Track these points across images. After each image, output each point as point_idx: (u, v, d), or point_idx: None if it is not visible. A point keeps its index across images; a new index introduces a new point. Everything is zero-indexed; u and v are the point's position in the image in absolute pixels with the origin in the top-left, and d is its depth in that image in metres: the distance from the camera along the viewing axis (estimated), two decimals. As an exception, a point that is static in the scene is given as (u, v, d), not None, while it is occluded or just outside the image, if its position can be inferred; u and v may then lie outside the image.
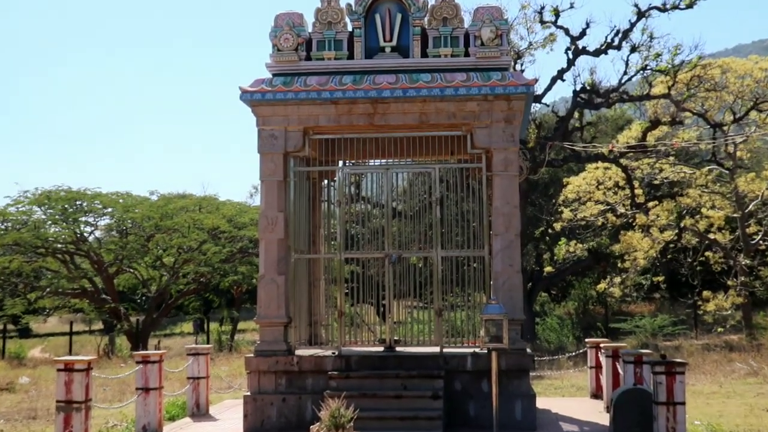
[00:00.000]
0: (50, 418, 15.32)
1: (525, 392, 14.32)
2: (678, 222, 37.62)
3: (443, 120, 14.90)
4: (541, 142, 32.70)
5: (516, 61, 31.45)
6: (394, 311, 15.74)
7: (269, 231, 14.98)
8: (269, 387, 14.75)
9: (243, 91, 14.95)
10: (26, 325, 56.39)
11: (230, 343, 38.60)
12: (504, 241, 14.59)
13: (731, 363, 24.29)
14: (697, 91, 33.70)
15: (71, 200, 34.19)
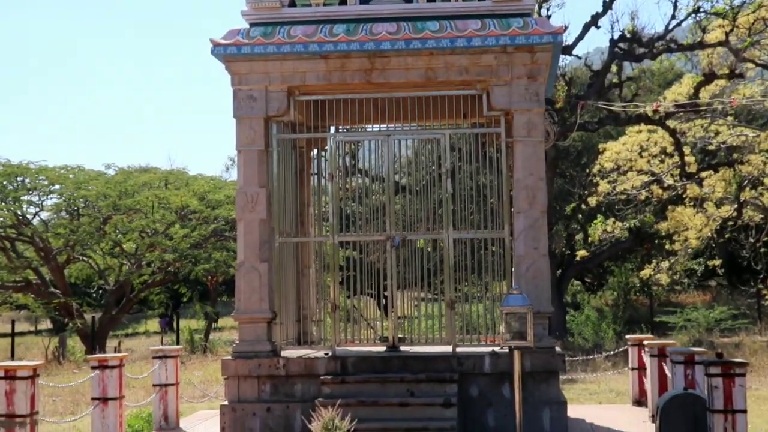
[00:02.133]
0: (-10, 435, 15.38)
1: (554, 398, 14.39)
2: (738, 195, 37.55)
3: (454, 76, 14.91)
4: (571, 101, 32.68)
5: (541, 5, 31.47)
6: (398, 304, 15.82)
7: (249, 210, 15.00)
8: (251, 395, 14.83)
9: (215, 44, 14.92)
10: (-40, 325, 56.81)
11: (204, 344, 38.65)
12: (528, 219, 14.62)
13: (801, 362, 24.39)
14: (762, 37, 33.61)
15: (11, 176, 34.18)
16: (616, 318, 39.27)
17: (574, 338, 34.45)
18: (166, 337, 45.30)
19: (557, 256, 37.20)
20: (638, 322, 37.73)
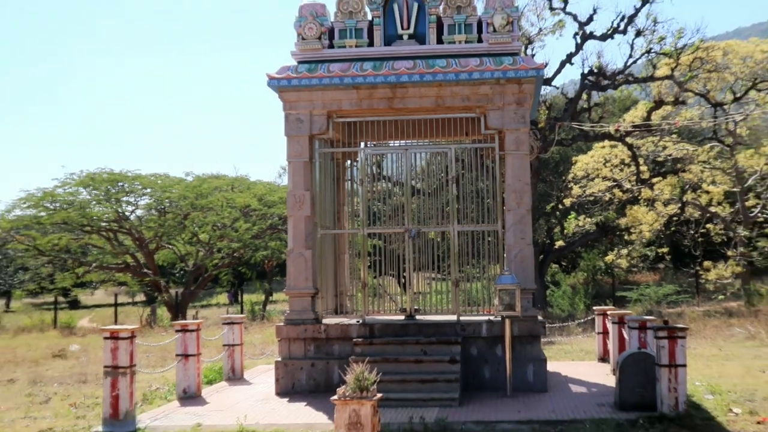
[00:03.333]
0: (99, 382, 15.43)
1: (536, 356, 14.35)
2: (681, 196, 37.56)
3: (458, 103, 14.88)
4: (550, 122, 32.62)
5: (526, 46, 31.35)
6: (414, 282, 15.79)
7: (297, 209, 15.02)
8: (299, 353, 14.84)
9: (270, 78, 14.99)
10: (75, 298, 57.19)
11: (262, 313, 38.67)
12: (516, 215, 14.59)
13: (730, 328, 24.23)
14: (699, 72, 33.52)
15: (113, 181, 34.27)
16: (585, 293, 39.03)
17: (552, 309, 34.30)
18: (233, 308, 45.26)
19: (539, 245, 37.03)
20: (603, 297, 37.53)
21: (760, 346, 20.55)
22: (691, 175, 36.76)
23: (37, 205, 33.83)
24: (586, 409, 12.47)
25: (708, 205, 37.09)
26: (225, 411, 13.12)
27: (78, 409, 14.09)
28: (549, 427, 11.35)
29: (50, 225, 33.43)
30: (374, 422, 9.14)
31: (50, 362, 21.57)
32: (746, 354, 19.15)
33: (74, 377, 18.24)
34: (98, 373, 16.15)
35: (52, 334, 31.04)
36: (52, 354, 23.27)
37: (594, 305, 25.80)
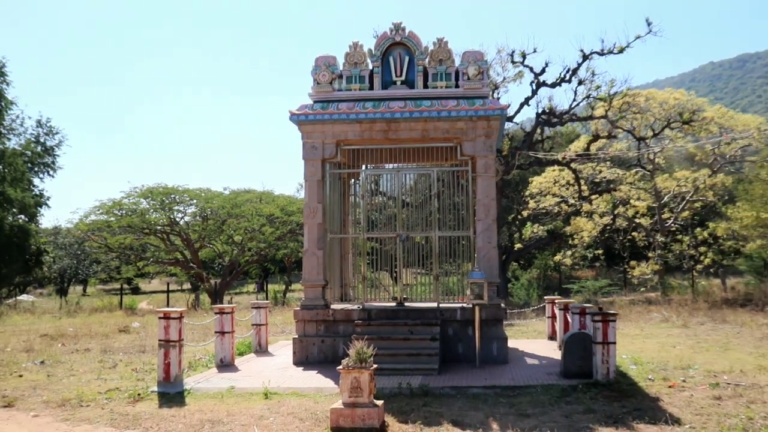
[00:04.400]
0: (154, 352, 15.45)
1: (500, 336, 14.31)
2: (613, 210, 37.71)
3: (440, 135, 14.84)
4: (512, 151, 32.68)
5: (493, 91, 31.36)
6: (404, 276, 15.76)
7: (311, 217, 15.00)
8: (312, 332, 14.78)
9: (291, 114, 14.97)
10: (136, 285, 57.48)
11: (283, 299, 38.64)
12: (484, 224, 14.57)
13: (650, 313, 24.25)
14: (627, 113, 33.66)
15: (167, 194, 34.43)
16: (538, 286, 39.00)
17: (512, 298, 34.28)
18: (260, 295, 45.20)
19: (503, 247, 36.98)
20: (552, 288, 37.49)
21: (672, 327, 20.58)
22: (621, 193, 37.01)
23: (108, 212, 34.01)
24: (538, 377, 12.45)
25: (634, 217, 37.26)
26: (253, 377, 13.09)
27: (138, 373, 14.11)
28: (509, 391, 11.34)
29: (118, 228, 33.53)
30: (371, 387, 9.10)
31: (117, 336, 21.54)
32: (661, 333, 19.17)
33: (135, 348, 18.23)
34: (154, 345, 16.15)
35: (118, 314, 31.01)
36: (119, 329, 23.26)
37: (545, 295, 25.79)
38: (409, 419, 9.47)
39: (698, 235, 36.70)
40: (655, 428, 8.96)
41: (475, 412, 9.96)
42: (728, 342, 17.06)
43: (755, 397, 10.70)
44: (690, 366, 13.51)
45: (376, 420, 8.96)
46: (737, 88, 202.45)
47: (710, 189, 35.98)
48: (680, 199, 36.64)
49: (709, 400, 10.51)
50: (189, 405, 10.87)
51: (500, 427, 9.10)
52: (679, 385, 11.68)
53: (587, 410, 9.96)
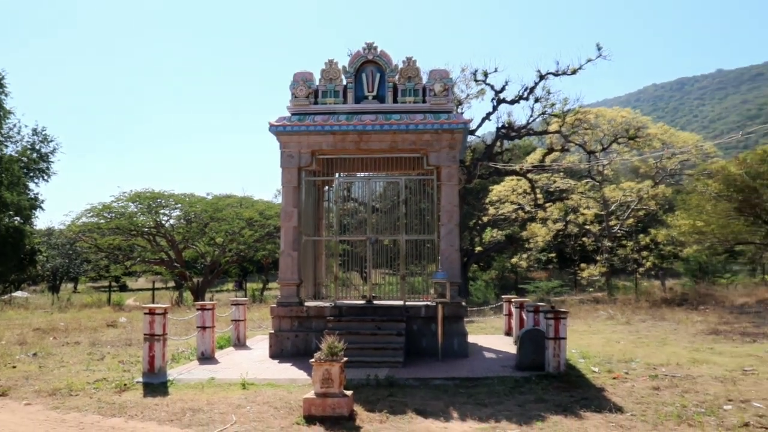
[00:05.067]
0: (140, 345, 15.31)
1: (460, 331, 14.33)
2: (565, 217, 37.91)
3: (407, 146, 14.85)
4: (474, 162, 32.77)
5: (457, 106, 31.47)
6: (373, 276, 15.73)
7: (287, 221, 14.94)
8: (287, 327, 14.71)
9: (271, 125, 14.91)
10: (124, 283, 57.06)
11: (261, 297, 38.49)
12: (447, 229, 14.59)
13: (597, 311, 24.46)
14: (579, 129, 33.92)
15: (154, 198, 34.31)
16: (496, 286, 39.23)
17: (472, 297, 34.39)
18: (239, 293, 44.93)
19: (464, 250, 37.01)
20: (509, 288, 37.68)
21: (616, 324, 20.76)
22: (572, 202, 37.21)
23: (98, 214, 33.86)
24: (495, 370, 12.49)
25: (584, 223, 37.49)
26: (232, 368, 13.00)
27: (125, 364, 13.99)
28: (468, 382, 11.37)
29: (107, 229, 33.35)
30: (341, 378, 9.08)
31: (105, 330, 21.31)
32: (607, 330, 19.32)
33: (122, 341, 18.07)
34: (140, 338, 15.99)
35: (106, 310, 30.70)
36: (107, 324, 23.01)
37: (502, 294, 25.88)
38: (376, 408, 9.46)
39: (641, 240, 37.10)
40: (600, 416, 9.03)
41: (436, 401, 9.98)
42: (666, 337, 17.25)
43: (689, 387, 10.84)
44: (632, 359, 13.64)
45: (345, 409, 8.95)
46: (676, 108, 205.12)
47: (652, 199, 36.37)
48: (625, 207, 36.97)
49: (649, 390, 10.63)
50: (172, 394, 10.80)
51: (460, 416, 9.13)
52: (622, 377, 11.79)
53: (539, 400, 10.03)
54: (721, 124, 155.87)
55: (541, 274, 47.27)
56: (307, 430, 8.49)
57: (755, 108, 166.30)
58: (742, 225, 28.99)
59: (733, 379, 11.49)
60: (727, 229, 29.39)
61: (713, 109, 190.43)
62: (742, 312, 22.73)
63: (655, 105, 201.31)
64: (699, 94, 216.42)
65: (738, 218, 28.72)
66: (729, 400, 9.91)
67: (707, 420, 8.79)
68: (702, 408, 9.42)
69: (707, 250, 34.30)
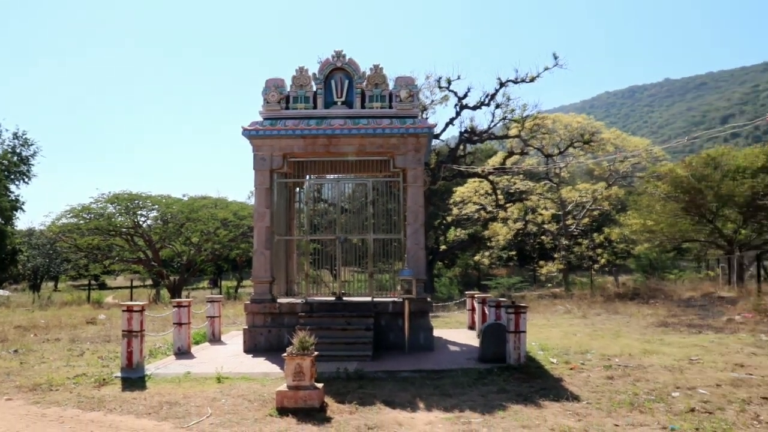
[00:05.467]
0: (118, 341, 15.15)
1: (426, 326, 14.31)
2: (524, 216, 38.17)
3: (375, 149, 14.81)
4: (438, 164, 32.87)
5: (422, 112, 31.52)
6: (342, 274, 15.66)
7: (260, 221, 14.82)
8: (260, 323, 14.59)
9: (244, 129, 14.78)
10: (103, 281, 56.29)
11: (235, 294, 38.23)
12: (413, 228, 14.58)
13: (555, 306, 24.62)
14: (537, 133, 34.17)
15: (132, 200, 33.94)
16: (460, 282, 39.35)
17: (438, 293, 34.45)
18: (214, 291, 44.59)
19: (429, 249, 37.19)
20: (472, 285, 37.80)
21: (573, 318, 20.91)
22: (531, 202, 37.52)
23: (78, 215, 33.41)
24: (458, 362, 12.50)
25: (542, 223, 37.80)
26: (208, 363, 12.87)
27: (104, 360, 13.76)
28: (433, 374, 11.36)
29: (86, 230, 32.91)
30: (312, 372, 9.02)
31: (85, 327, 21.00)
32: (564, 323, 19.44)
33: (101, 338, 17.81)
34: (118, 335, 15.82)
35: (86, 307, 30.24)
36: (86, 321, 22.69)
37: (465, 290, 25.96)
38: (346, 400, 9.42)
39: (596, 239, 37.50)
40: (558, 404, 9.08)
41: (404, 392, 9.96)
42: (619, 330, 17.41)
43: (640, 376, 10.95)
44: (588, 351, 13.73)
45: (316, 401, 8.89)
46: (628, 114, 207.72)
47: (606, 199, 36.77)
48: (581, 207, 37.33)
49: (603, 380, 10.71)
50: (149, 388, 10.65)
51: (426, 406, 9.11)
52: (579, 368, 11.86)
53: (501, 390, 10.05)
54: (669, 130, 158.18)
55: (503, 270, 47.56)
56: (280, 422, 8.42)
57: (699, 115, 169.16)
58: (688, 224, 29.45)
59: (680, 368, 11.63)
60: (674, 228, 29.83)
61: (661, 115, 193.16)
62: (688, 305, 23.02)
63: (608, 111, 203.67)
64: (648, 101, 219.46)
65: (685, 218, 29.16)
66: (677, 387, 10.02)
67: (657, 406, 8.88)
68: (652, 395, 9.52)
69: (657, 247, 34.83)
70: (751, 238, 28.54)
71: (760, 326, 17.01)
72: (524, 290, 35.61)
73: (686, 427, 7.83)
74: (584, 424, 8.10)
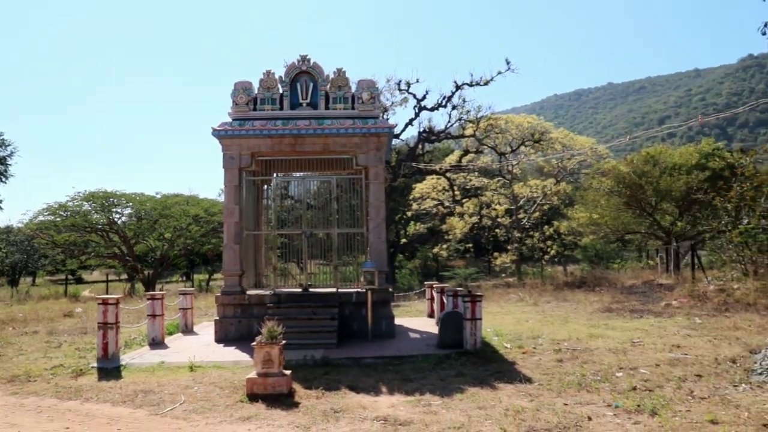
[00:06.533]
0: (95, 333, 14.82)
1: (388, 315, 14.29)
2: (479, 211, 38.37)
3: (338, 148, 14.72)
4: (398, 162, 32.87)
5: (383, 113, 31.48)
6: (308, 266, 15.58)
7: (230, 217, 14.64)
8: (230, 314, 14.43)
9: (213, 130, 14.59)
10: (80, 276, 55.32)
11: (207, 287, 37.90)
12: (375, 223, 14.53)
13: (508, 294, 24.76)
14: (491, 133, 34.39)
15: (107, 198, 33.40)
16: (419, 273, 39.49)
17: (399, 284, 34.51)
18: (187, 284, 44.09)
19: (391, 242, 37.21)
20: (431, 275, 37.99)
21: (525, 306, 21.04)
22: (486, 198, 37.76)
23: (55, 213, 32.74)
24: (419, 348, 12.49)
25: (496, 217, 38.04)
26: (181, 352, 12.68)
27: (80, 351, 13.49)
28: (395, 360, 11.35)
29: (63, 227, 32.28)
30: (280, 359, 8.94)
31: (62, 320, 20.56)
32: (517, 311, 19.56)
33: (78, 330, 17.44)
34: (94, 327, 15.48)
35: (63, 301, 29.65)
36: (63, 314, 22.22)
37: (425, 281, 26.03)
38: (312, 385, 9.35)
39: (546, 231, 37.88)
40: (512, 386, 9.12)
41: (367, 378, 9.92)
42: (568, 316, 17.58)
43: (587, 358, 11.06)
44: (539, 336, 13.84)
45: (284, 387, 8.81)
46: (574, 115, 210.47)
47: (555, 195, 37.16)
48: (532, 202, 37.66)
49: (553, 363, 10.80)
50: (124, 378, 10.47)
51: (388, 390, 9.09)
52: (531, 352, 11.94)
53: (459, 374, 10.07)
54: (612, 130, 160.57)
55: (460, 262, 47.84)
56: (250, 407, 8.32)
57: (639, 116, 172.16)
58: (630, 217, 29.88)
59: (623, 350, 11.78)
60: (618, 221, 30.25)
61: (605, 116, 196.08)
62: (630, 292, 23.34)
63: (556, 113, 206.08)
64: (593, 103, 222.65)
65: (627, 211, 29.58)
66: (620, 368, 10.14)
67: (602, 386, 8.97)
68: (598, 376, 9.62)
69: (602, 239, 35.30)
70: (686, 230, 29.04)
71: (695, 310, 17.32)
72: (480, 280, 35.86)
73: (629, 404, 7.92)
74: (536, 404, 8.15)
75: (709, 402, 8.03)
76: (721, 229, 22.34)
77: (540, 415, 7.62)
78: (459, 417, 7.65)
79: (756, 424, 7.07)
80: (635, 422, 7.26)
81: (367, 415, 7.85)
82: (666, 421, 7.23)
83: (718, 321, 15.03)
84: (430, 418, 7.61)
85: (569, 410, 7.82)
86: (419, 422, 7.46)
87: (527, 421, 7.36)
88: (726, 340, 12.46)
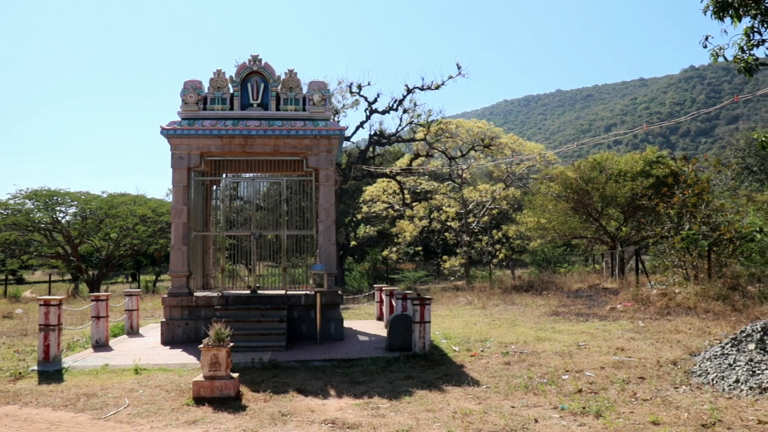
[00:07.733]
0: (35, 335, 14.45)
1: (337, 317, 14.26)
2: (429, 214, 38.57)
3: (289, 150, 14.64)
4: (349, 165, 32.85)
5: (334, 115, 31.44)
6: (257, 268, 15.44)
7: (178, 217, 14.43)
8: (177, 315, 14.20)
9: (162, 128, 14.36)
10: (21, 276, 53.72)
11: (153, 288, 37.21)
12: (325, 225, 14.50)
13: (457, 298, 24.91)
14: (441, 137, 34.60)
15: (50, 196, 32.52)
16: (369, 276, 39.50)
17: (348, 286, 34.45)
18: (133, 285, 43.24)
19: (340, 244, 37.10)
20: (380, 278, 38.03)
21: (474, 309, 21.19)
22: (436, 201, 37.96)
23: (-6, 211, 31.70)
24: (368, 351, 12.50)
25: (446, 220, 38.29)
26: (125, 355, 12.43)
27: (20, 354, 13.08)
28: (344, 363, 11.32)
29: (3, 225, 31.27)
30: (228, 362, 8.83)
31: (1, 321, 19.91)
32: (466, 314, 19.69)
33: (18, 332, 16.91)
34: (36, 329, 15.07)
35: (2, 302, 28.72)
36: (2, 316, 21.51)
37: (374, 284, 26.05)
38: (260, 388, 9.26)
39: (495, 235, 38.28)
40: (460, 389, 9.19)
41: (316, 381, 9.88)
42: (516, 319, 17.78)
43: (534, 361, 11.21)
44: (487, 339, 13.96)
45: (232, 390, 8.70)
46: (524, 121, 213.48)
47: (504, 199, 37.60)
48: (481, 206, 38.05)
49: (501, 366, 10.91)
50: (66, 381, 10.19)
51: (337, 393, 9.06)
52: (479, 355, 12.05)
53: (407, 377, 10.09)
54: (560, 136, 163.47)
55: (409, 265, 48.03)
56: (197, 411, 8.19)
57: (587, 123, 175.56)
58: (577, 222, 30.42)
59: (569, 353, 11.97)
60: (565, 226, 30.75)
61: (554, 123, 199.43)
62: (577, 296, 23.74)
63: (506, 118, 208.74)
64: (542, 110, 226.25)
65: (574, 216, 30.11)
66: (566, 371, 10.31)
67: (549, 389, 9.10)
68: (545, 379, 9.76)
69: (549, 243, 35.85)
70: (630, 235, 29.73)
71: (638, 314, 17.72)
72: (429, 283, 36.05)
73: (574, 407, 8.06)
74: (484, 406, 8.22)
75: (652, 403, 8.22)
76: (664, 235, 22.93)
77: (487, 417, 7.69)
78: (407, 420, 7.67)
79: (695, 424, 7.27)
80: (580, 424, 7.39)
81: (315, 418, 7.81)
82: (610, 422, 7.37)
83: (661, 324, 15.39)
84: (378, 421, 7.61)
85: (516, 413, 7.91)
86: (367, 425, 7.46)
87: (475, 424, 7.42)
88: (668, 343, 12.77)
